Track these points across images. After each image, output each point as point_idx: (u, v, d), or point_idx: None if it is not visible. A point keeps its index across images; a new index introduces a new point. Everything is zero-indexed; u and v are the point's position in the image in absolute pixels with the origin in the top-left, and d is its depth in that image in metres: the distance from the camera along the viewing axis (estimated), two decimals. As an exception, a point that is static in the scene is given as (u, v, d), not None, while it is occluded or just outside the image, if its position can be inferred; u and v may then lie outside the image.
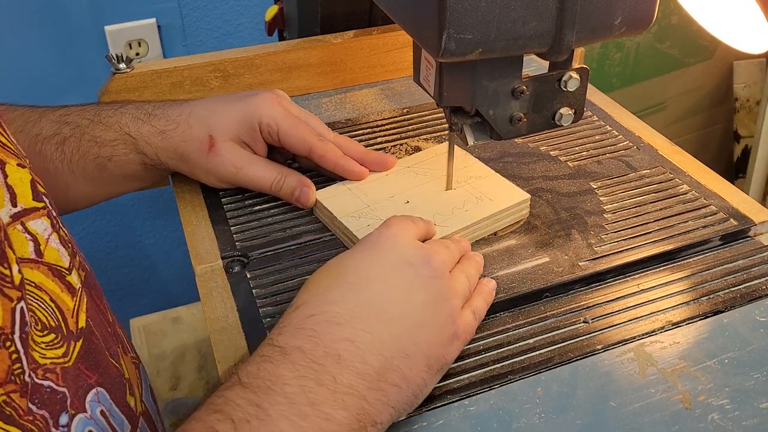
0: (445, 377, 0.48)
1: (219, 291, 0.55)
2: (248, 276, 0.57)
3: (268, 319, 0.53)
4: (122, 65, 0.75)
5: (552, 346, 0.51)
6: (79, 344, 0.44)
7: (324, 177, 0.66)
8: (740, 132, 1.76)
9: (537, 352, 0.50)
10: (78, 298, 0.46)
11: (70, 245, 0.48)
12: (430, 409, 0.47)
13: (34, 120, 0.64)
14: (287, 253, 0.59)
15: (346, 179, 0.64)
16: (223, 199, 0.65)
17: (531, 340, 0.51)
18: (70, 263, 0.47)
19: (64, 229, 0.49)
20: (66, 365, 0.42)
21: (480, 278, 0.53)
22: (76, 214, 1.28)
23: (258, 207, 0.64)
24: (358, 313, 0.44)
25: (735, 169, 1.78)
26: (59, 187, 0.64)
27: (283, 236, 0.61)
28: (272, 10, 0.93)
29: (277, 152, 0.67)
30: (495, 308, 0.54)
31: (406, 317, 0.45)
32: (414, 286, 0.46)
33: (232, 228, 0.62)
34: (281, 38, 0.96)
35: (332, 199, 0.62)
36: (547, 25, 0.45)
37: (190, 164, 0.64)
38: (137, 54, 1.18)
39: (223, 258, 0.59)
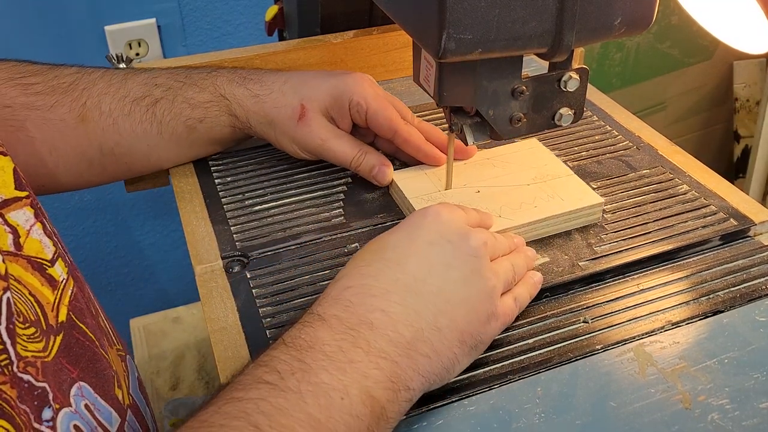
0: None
1: (219, 291, 0.55)
2: (248, 276, 0.57)
3: (268, 319, 0.53)
4: (122, 65, 0.75)
5: (552, 346, 0.51)
6: (59, 339, 0.44)
7: (400, 162, 0.68)
8: (740, 132, 1.76)
9: (537, 352, 0.50)
10: (60, 291, 0.46)
11: (54, 235, 0.48)
12: (430, 409, 0.47)
13: (117, 82, 0.65)
14: (287, 253, 0.59)
15: (424, 164, 0.66)
16: (223, 199, 0.65)
17: (531, 340, 0.51)
18: (54, 254, 0.47)
19: (46, 218, 0.48)
20: (46, 360, 0.42)
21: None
22: (76, 214, 1.29)
23: (258, 207, 0.64)
24: (393, 287, 0.46)
25: (735, 169, 1.78)
26: (142, 149, 0.66)
27: (283, 236, 0.61)
28: (272, 10, 0.93)
29: (359, 133, 0.68)
30: (495, 308, 0.54)
31: (440, 292, 0.46)
32: (451, 263, 0.47)
33: (232, 228, 0.62)
34: (281, 38, 0.96)
35: (407, 180, 0.64)
36: (547, 25, 0.45)
37: (278, 131, 0.65)
38: (137, 54, 1.18)
39: (223, 258, 0.59)
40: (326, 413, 0.40)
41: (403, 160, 0.68)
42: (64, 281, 0.47)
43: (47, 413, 0.41)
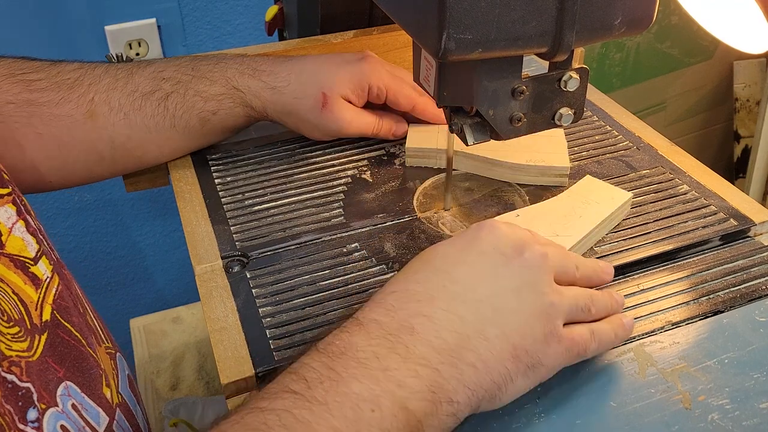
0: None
1: (219, 291, 0.55)
2: (248, 276, 0.57)
3: (268, 319, 0.53)
4: (122, 65, 0.75)
5: (552, 346, 0.51)
6: (44, 338, 0.44)
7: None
8: (740, 132, 1.76)
9: (537, 352, 0.50)
10: (43, 290, 0.46)
11: (38, 232, 0.48)
12: (430, 409, 0.47)
13: (123, 77, 0.65)
14: (287, 253, 0.59)
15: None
16: (223, 199, 0.65)
17: (531, 340, 0.51)
18: (37, 252, 0.46)
19: (31, 216, 0.48)
20: (30, 359, 0.42)
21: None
22: (76, 214, 1.29)
23: (258, 207, 0.64)
24: (439, 293, 0.44)
25: (735, 169, 1.78)
26: (156, 142, 0.67)
27: (283, 236, 0.61)
28: (272, 10, 0.93)
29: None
30: (495, 308, 0.54)
31: (489, 299, 0.44)
32: (502, 273, 0.45)
33: (232, 228, 0.62)
34: (281, 38, 0.96)
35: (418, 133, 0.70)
36: (547, 25, 0.45)
37: (299, 119, 0.68)
38: (137, 54, 1.18)
39: (223, 258, 0.59)
40: (354, 427, 0.37)
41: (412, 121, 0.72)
42: (48, 279, 0.47)
43: (32, 414, 0.40)
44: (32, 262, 0.46)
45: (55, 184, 0.66)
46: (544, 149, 0.67)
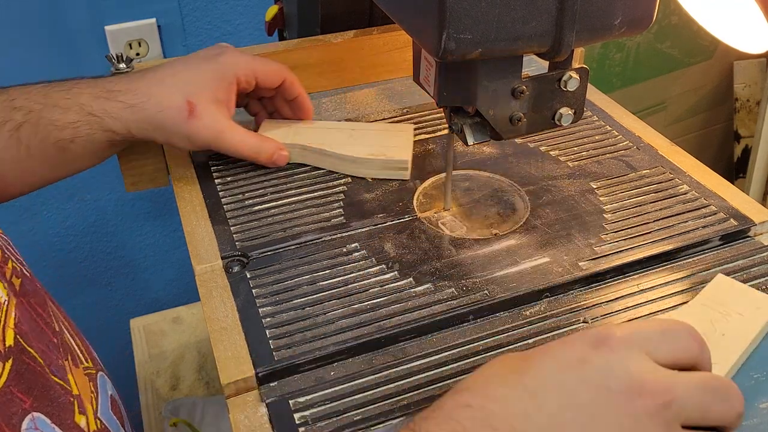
0: (445, 377, 0.48)
1: (219, 291, 0.55)
2: (248, 276, 0.57)
3: (268, 319, 0.53)
4: (122, 65, 0.75)
5: (552, 346, 0.51)
6: (8, 365, 0.41)
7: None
8: (740, 132, 1.76)
9: (537, 352, 0.50)
10: (4, 313, 0.43)
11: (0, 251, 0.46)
12: (430, 409, 0.47)
13: None
14: (287, 253, 0.59)
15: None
16: (223, 199, 0.65)
17: (531, 340, 0.51)
18: None
19: None
20: None
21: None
22: (76, 214, 1.29)
23: (258, 207, 0.64)
24: (521, 425, 0.37)
25: (735, 169, 1.78)
26: (14, 173, 0.63)
27: (283, 236, 0.61)
28: (272, 10, 0.93)
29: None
30: (495, 308, 0.54)
31: None
32: (601, 415, 0.37)
33: (232, 228, 0.62)
34: (281, 38, 0.96)
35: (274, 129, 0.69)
36: (547, 25, 0.45)
37: (167, 132, 0.64)
38: (137, 54, 1.18)
39: (223, 258, 0.59)
40: None
41: (285, 115, 0.72)
42: (6, 303, 0.44)
43: None
44: None
45: None
46: (388, 143, 0.68)
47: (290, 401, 0.47)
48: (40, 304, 0.48)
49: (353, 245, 0.60)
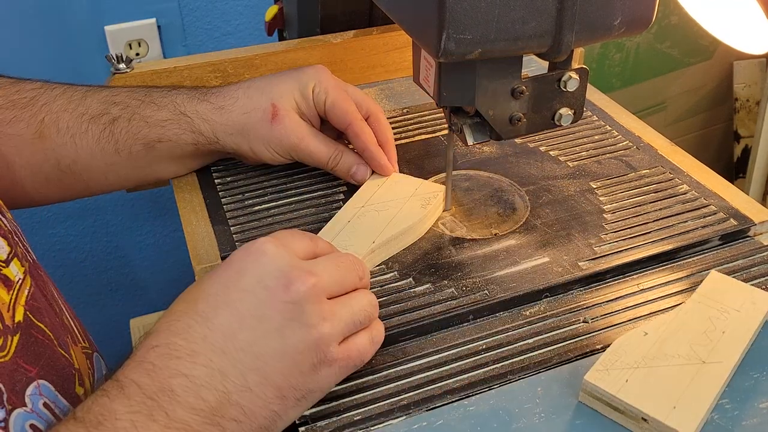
0: (445, 377, 0.49)
1: (219, 291, 0.55)
2: (248, 276, 0.57)
3: (268, 319, 0.53)
4: (122, 65, 0.75)
5: (552, 346, 0.51)
6: (16, 339, 0.44)
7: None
8: (740, 132, 1.76)
9: (537, 352, 0.50)
10: (15, 292, 0.45)
11: (11, 234, 0.48)
12: (429, 409, 0.47)
13: (77, 99, 0.64)
14: (287, 253, 0.59)
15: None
16: (223, 200, 0.65)
17: (531, 340, 0.51)
18: (9, 254, 0.46)
19: (5, 218, 0.48)
20: (3, 360, 0.42)
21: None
22: (76, 214, 1.28)
23: (258, 207, 0.64)
24: (200, 346, 0.42)
25: (735, 169, 1.78)
26: (100, 167, 0.65)
27: (283, 236, 0.61)
28: (272, 10, 0.93)
29: (326, 129, 0.67)
30: (495, 308, 0.54)
31: (250, 348, 0.42)
32: (265, 313, 0.43)
33: (232, 228, 0.62)
34: (281, 38, 0.96)
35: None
36: (546, 25, 0.45)
37: (251, 137, 0.64)
38: (137, 54, 1.18)
39: (222, 258, 0.58)
40: None
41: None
42: (20, 281, 0.47)
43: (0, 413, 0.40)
44: (4, 264, 0.46)
45: (7, 204, 0.63)
46: (413, 200, 0.63)
47: (290, 401, 0.47)
48: (40, 287, 0.50)
49: (353, 245, 0.60)
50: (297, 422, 0.46)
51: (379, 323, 0.49)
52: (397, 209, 0.60)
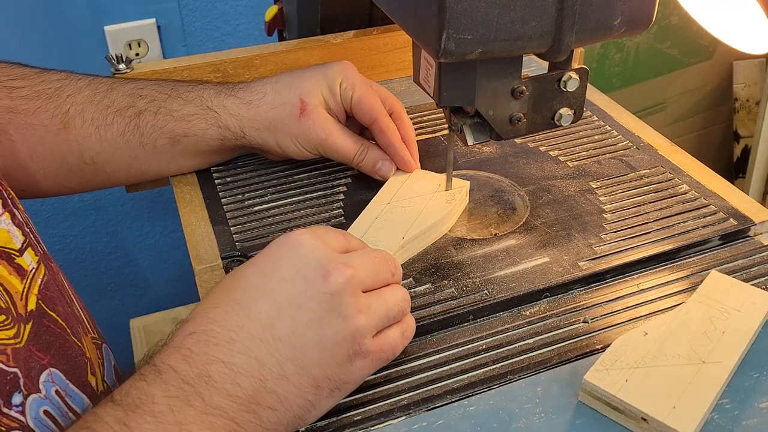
0: (445, 377, 0.49)
1: (219, 291, 0.55)
2: (248, 276, 0.57)
3: (268, 319, 0.53)
4: (122, 66, 0.75)
5: (552, 346, 0.51)
6: (29, 327, 0.44)
7: None
8: (740, 132, 1.76)
9: (537, 352, 0.50)
10: (29, 280, 0.46)
11: (24, 224, 0.48)
12: (429, 409, 0.47)
13: (103, 91, 0.64)
14: (287, 253, 0.59)
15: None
16: (223, 200, 0.65)
17: (531, 340, 0.51)
18: (23, 243, 0.47)
19: (18, 209, 0.48)
20: (17, 346, 0.42)
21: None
22: (76, 214, 1.29)
23: (258, 207, 0.64)
24: (238, 334, 0.42)
25: (735, 169, 1.78)
26: (123, 159, 0.65)
27: (283, 236, 0.61)
28: (272, 10, 0.93)
29: (349, 124, 0.67)
30: (495, 308, 0.54)
31: (288, 337, 0.43)
32: (303, 303, 0.43)
33: (232, 228, 0.62)
34: (281, 38, 0.95)
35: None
36: (546, 26, 0.45)
37: (279, 132, 0.64)
38: (137, 54, 1.18)
39: (222, 258, 0.59)
40: None
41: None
42: (34, 270, 0.47)
43: (17, 398, 0.41)
44: (18, 254, 0.46)
45: (27, 193, 0.64)
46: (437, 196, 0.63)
47: (290, 401, 0.47)
48: (53, 277, 0.51)
49: (353, 245, 0.60)
50: (297, 422, 0.46)
51: (410, 318, 0.49)
52: (422, 205, 0.61)
